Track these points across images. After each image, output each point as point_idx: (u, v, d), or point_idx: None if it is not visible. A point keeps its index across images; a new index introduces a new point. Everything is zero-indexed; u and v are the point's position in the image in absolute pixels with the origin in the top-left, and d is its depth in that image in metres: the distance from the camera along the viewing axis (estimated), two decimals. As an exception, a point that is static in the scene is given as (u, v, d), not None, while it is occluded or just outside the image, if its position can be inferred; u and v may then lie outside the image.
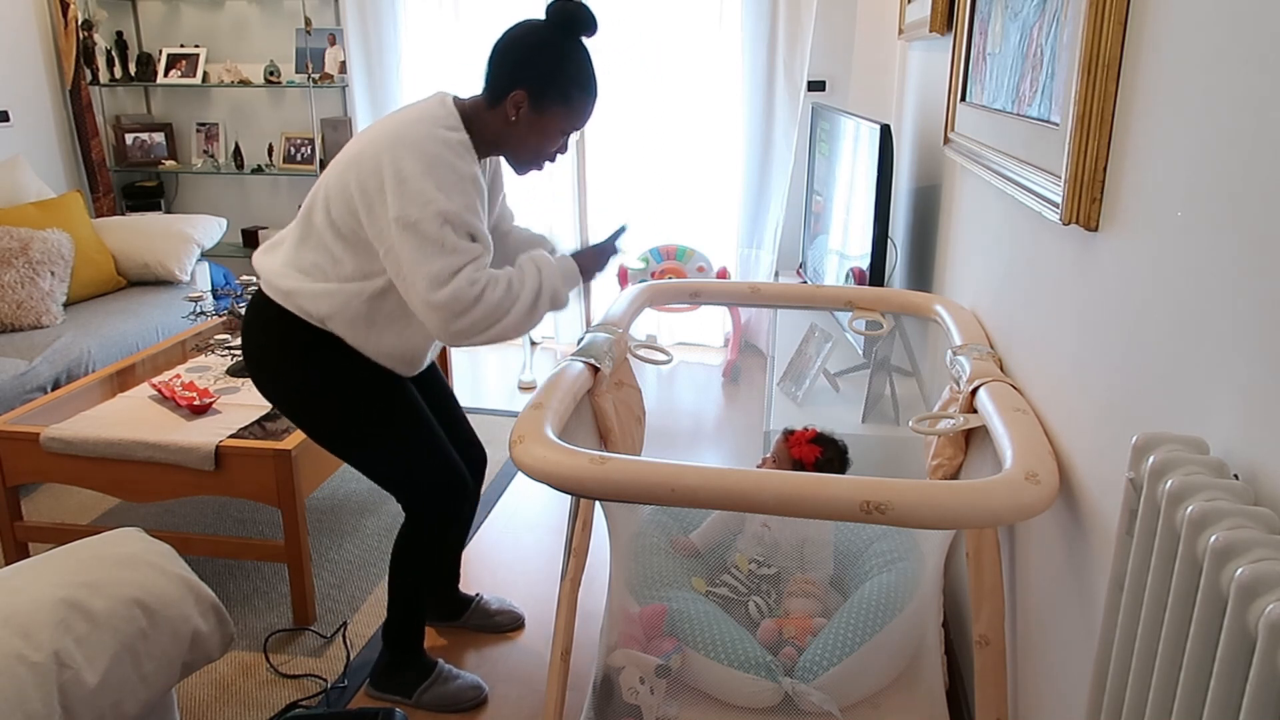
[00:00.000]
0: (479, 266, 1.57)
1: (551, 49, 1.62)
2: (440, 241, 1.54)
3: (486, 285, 1.56)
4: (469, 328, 1.57)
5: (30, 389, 2.80)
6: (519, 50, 1.63)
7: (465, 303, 1.54)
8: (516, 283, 1.61)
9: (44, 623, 1.30)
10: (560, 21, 1.62)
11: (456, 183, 1.56)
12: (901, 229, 2.77)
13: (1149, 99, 0.98)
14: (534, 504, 2.81)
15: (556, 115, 1.65)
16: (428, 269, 1.54)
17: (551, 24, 1.63)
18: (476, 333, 1.58)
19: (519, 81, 1.62)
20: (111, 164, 4.46)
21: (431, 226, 1.53)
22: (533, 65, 1.62)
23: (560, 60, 1.62)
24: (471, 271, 1.55)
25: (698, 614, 1.66)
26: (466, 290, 1.54)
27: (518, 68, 1.62)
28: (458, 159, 1.58)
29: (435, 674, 1.93)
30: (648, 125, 3.96)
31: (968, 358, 1.49)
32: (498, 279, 1.58)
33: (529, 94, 1.62)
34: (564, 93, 1.63)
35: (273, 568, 2.42)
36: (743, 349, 4.14)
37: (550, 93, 1.63)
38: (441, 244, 1.54)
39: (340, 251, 1.64)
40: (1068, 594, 1.18)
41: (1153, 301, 0.95)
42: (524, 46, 1.63)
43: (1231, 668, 0.62)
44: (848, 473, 2.02)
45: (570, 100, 1.65)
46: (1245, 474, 0.76)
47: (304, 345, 1.71)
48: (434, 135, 1.57)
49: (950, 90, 1.96)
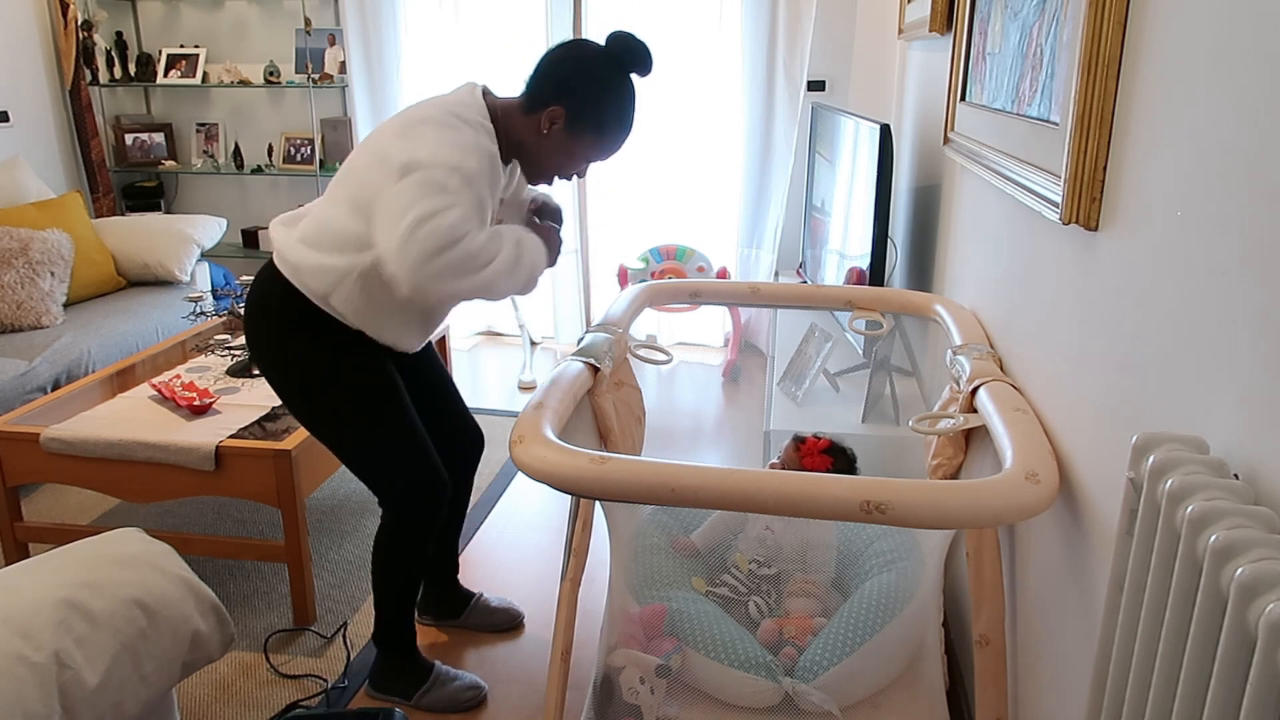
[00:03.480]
0: (467, 218, 1.50)
1: (601, 76, 1.63)
2: (442, 186, 1.49)
3: (470, 231, 1.50)
4: (444, 270, 1.48)
5: (30, 389, 2.80)
6: (570, 68, 1.64)
7: (446, 241, 1.47)
8: (497, 241, 1.56)
9: (44, 623, 1.30)
10: (618, 52, 1.63)
11: (475, 151, 1.56)
12: (901, 229, 2.77)
13: (1149, 99, 0.98)
14: (534, 504, 2.81)
15: (587, 142, 1.66)
16: (420, 208, 1.47)
17: (609, 53, 1.64)
18: (449, 278, 1.50)
19: (561, 98, 1.62)
20: (111, 164, 4.46)
21: (438, 174, 1.49)
22: (579, 86, 1.62)
23: (607, 90, 1.63)
24: (459, 214, 1.49)
25: (698, 614, 1.66)
26: (449, 231, 1.47)
27: (564, 84, 1.63)
28: (478, 135, 1.58)
29: (434, 676, 1.93)
30: (648, 125, 3.95)
31: (968, 357, 1.49)
32: (481, 232, 1.54)
33: (567, 113, 1.62)
34: (599, 122, 1.64)
35: (273, 568, 2.42)
36: (743, 349, 4.14)
37: (588, 118, 1.63)
38: (443, 188, 1.49)
39: (351, 221, 1.62)
40: (1068, 594, 1.18)
41: (1153, 301, 0.95)
42: (576, 66, 1.64)
43: (1231, 667, 0.62)
44: None
45: (603, 131, 1.66)
46: (1245, 474, 0.76)
47: (301, 321, 1.70)
48: (459, 113, 1.59)
49: (950, 90, 1.96)
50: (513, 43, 4.02)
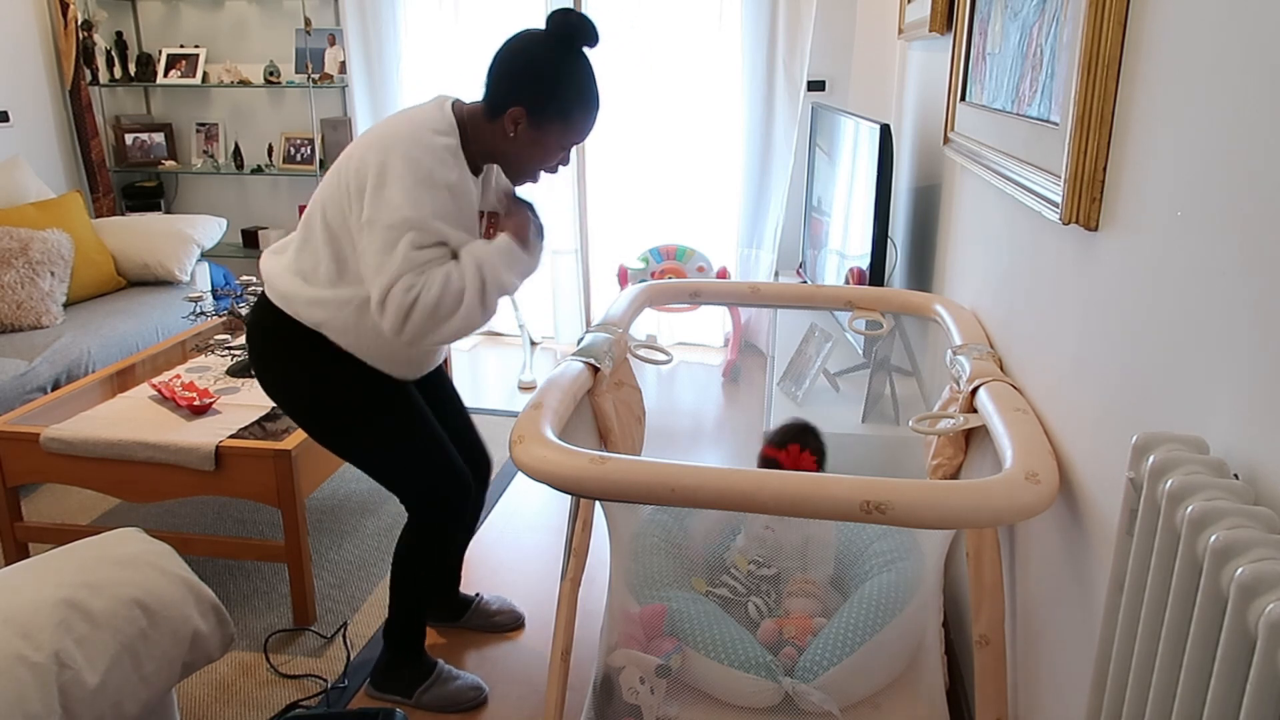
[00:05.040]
0: (420, 272, 1.54)
1: (550, 64, 1.58)
2: (391, 246, 1.53)
3: (422, 289, 1.54)
4: (418, 331, 1.55)
5: (30, 389, 2.80)
6: (518, 64, 1.59)
7: (404, 309, 1.53)
8: (456, 278, 1.56)
9: (44, 623, 1.30)
10: (560, 33, 1.58)
11: (429, 189, 1.54)
12: (901, 229, 2.77)
13: (1149, 99, 0.98)
14: (534, 504, 2.81)
15: (555, 131, 1.62)
16: (380, 277, 1.54)
17: (551, 35, 1.58)
18: (426, 333, 1.56)
19: (517, 98, 1.58)
20: (111, 164, 4.46)
21: (390, 233, 1.53)
22: (531, 81, 1.58)
23: (559, 76, 1.59)
24: (410, 278, 1.53)
25: (698, 614, 1.66)
26: (403, 297, 1.53)
27: (516, 83, 1.59)
28: (439, 164, 1.56)
29: (435, 674, 1.93)
30: (647, 125, 3.95)
31: (968, 357, 1.49)
32: (433, 280, 1.55)
33: (527, 110, 1.59)
34: (563, 109, 1.60)
35: (273, 568, 2.42)
36: (743, 349, 4.14)
37: (549, 109, 1.60)
38: (392, 249, 1.53)
39: (334, 255, 1.64)
40: (1068, 594, 1.18)
41: (1153, 301, 0.95)
42: (523, 61, 1.59)
43: (1231, 668, 0.62)
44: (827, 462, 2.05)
45: (569, 117, 1.62)
46: (1245, 474, 0.76)
47: (304, 349, 1.71)
48: (420, 139, 1.56)
49: (950, 90, 1.96)
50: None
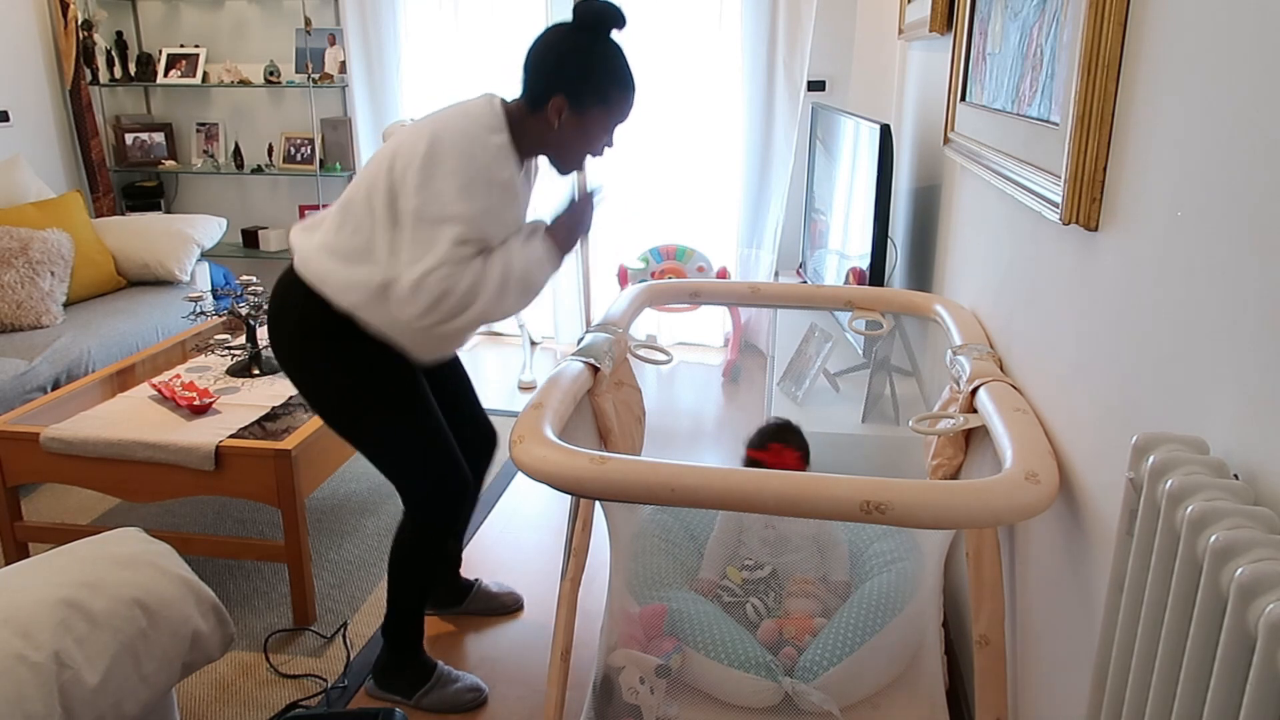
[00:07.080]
0: (458, 264, 1.59)
1: (583, 51, 1.64)
2: (434, 238, 1.57)
3: (456, 281, 1.59)
4: (440, 319, 1.61)
5: (30, 389, 2.80)
6: (552, 56, 1.65)
7: (435, 297, 1.58)
8: (480, 272, 1.62)
9: (44, 623, 1.30)
10: (588, 21, 1.64)
11: (484, 187, 1.59)
12: (901, 229, 2.77)
13: (1149, 99, 0.98)
14: (534, 504, 2.81)
15: (597, 115, 1.68)
16: (418, 265, 1.58)
17: (580, 25, 1.65)
18: (445, 321, 1.62)
19: (556, 88, 1.64)
20: (111, 164, 4.46)
21: (436, 225, 1.57)
22: (567, 70, 1.64)
23: (593, 61, 1.64)
24: (448, 269, 1.58)
25: (698, 614, 1.66)
26: (437, 286, 1.58)
27: (553, 74, 1.64)
28: (493, 162, 1.61)
29: (435, 677, 1.93)
30: (648, 125, 3.95)
31: (968, 358, 1.49)
32: (467, 273, 1.60)
33: (568, 99, 1.64)
34: (602, 93, 1.66)
35: (273, 568, 2.42)
36: (743, 349, 4.14)
37: (588, 95, 1.65)
38: (435, 241, 1.57)
39: (375, 237, 1.65)
40: (1068, 594, 1.18)
41: (1153, 301, 0.95)
42: (556, 52, 1.65)
43: (1231, 668, 0.62)
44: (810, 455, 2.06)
45: (609, 99, 1.67)
46: (1245, 474, 0.76)
47: (325, 329, 1.72)
48: (475, 136, 1.60)
49: (950, 90, 1.96)
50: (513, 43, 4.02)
